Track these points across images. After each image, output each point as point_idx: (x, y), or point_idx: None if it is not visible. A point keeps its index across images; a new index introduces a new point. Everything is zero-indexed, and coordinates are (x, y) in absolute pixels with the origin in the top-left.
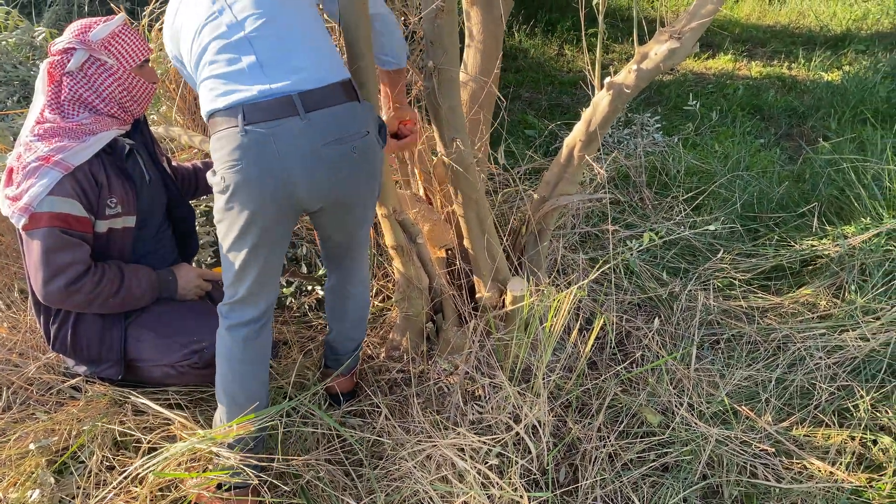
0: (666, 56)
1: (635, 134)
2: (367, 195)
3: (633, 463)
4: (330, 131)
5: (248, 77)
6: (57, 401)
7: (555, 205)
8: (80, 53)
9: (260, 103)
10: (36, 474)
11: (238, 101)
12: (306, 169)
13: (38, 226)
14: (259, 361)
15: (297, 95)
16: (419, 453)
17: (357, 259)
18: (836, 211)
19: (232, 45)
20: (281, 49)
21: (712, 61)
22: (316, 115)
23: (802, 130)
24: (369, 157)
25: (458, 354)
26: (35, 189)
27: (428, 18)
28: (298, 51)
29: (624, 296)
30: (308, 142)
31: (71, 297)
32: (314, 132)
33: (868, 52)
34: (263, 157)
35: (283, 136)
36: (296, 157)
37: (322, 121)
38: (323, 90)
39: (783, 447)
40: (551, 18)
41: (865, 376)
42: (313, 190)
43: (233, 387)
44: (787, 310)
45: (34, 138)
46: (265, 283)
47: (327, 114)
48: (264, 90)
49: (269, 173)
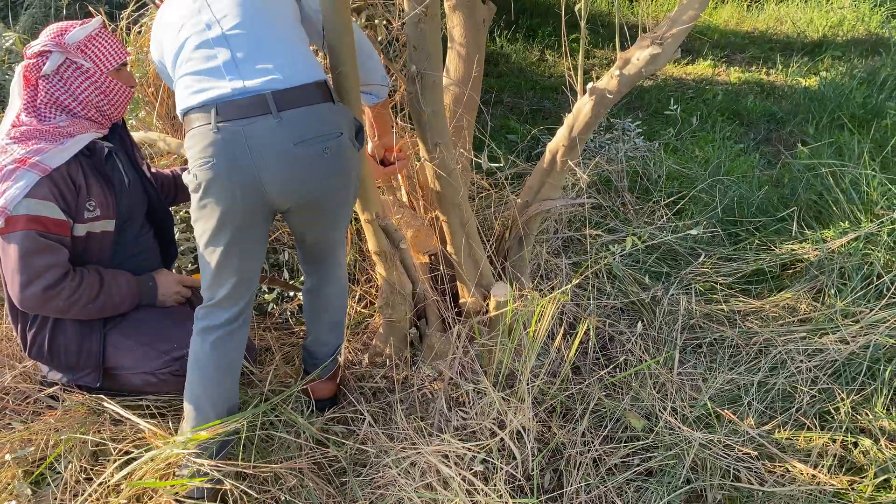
0: (648, 61)
1: (617, 139)
2: (340, 196)
3: (618, 468)
4: (302, 130)
5: (223, 74)
6: (34, 410)
7: (538, 209)
8: (56, 56)
9: (233, 101)
10: (12, 485)
11: (212, 99)
12: (278, 167)
13: (15, 229)
14: (227, 369)
15: (270, 94)
16: (403, 460)
17: (332, 262)
18: (815, 215)
19: (208, 43)
20: (257, 48)
21: (692, 67)
22: (289, 113)
23: (781, 135)
24: (342, 158)
25: (442, 360)
26: (11, 192)
27: (411, 23)
28: (274, 50)
29: (607, 300)
30: (280, 140)
31: (49, 301)
32: (286, 131)
33: (844, 58)
34: (235, 154)
35: (256, 134)
36: (268, 155)
37: (295, 120)
38: (297, 90)
39: (766, 450)
40: (532, 24)
41: (846, 379)
42: (284, 189)
43: (198, 392)
44: (767, 313)
45: (10, 141)
46: (241, 285)
47: (300, 113)
48: (238, 88)
49: (239, 170)
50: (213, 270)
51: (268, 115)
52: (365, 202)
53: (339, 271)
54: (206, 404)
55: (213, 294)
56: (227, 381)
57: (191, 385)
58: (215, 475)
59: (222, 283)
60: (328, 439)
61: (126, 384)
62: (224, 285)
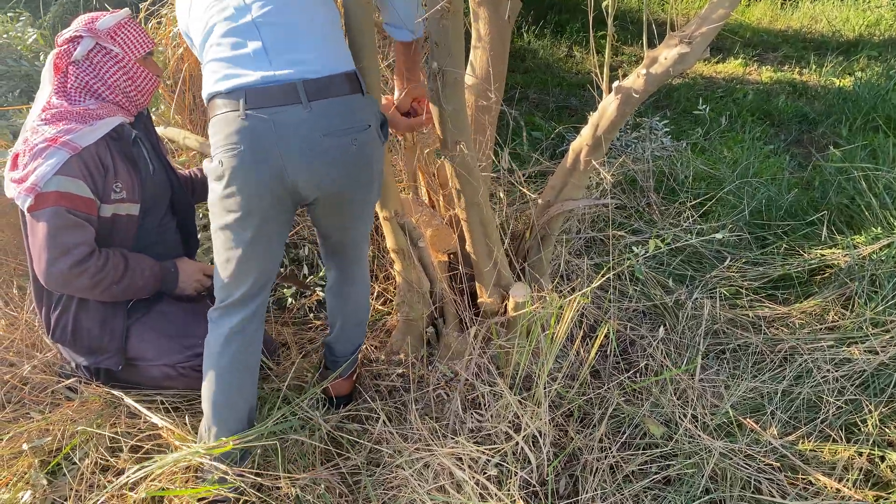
0: (676, 61)
1: (643, 138)
2: (365, 189)
3: (635, 475)
4: (332, 122)
5: (253, 62)
6: (52, 401)
7: (560, 209)
8: (86, 41)
9: (263, 88)
10: (28, 475)
11: (241, 86)
12: (304, 157)
13: (45, 205)
14: (245, 371)
15: (300, 83)
16: (417, 461)
17: (355, 259)
18: (846, 220)
19: (238, 29)
20: (287, 36)
21: (722, 65)
22: (318, 104)
23: (813, 137)
24: (368, 151)
25: (458, 360)
26: (42, 169)
27: (433, 19)
28: (305, 39)
29: (629, 303)
30: (309, 130)
31: (75, 279)
32: (316, 121)
33: (881, 58)
34: (263, 142)
35: (284, 122)
36: (295, 144)
37: (324, 110)
38: (327, 80)
39: (789, 462)
40: (561, 20)
41: (874, 390)
42: (310, 179)
43: (217, 397)
44: (794, 320)
45: (41, 122)
46: (258, 284)
47: (330, 104)
48: (268, 76)
49: (266, 159)
50: (234, 267)
51: (297, 105)
52: (384, 199)
53: (362, 270)
54: (226, 409)
55: (230, 293)
56: (247, 384)
57: (209, 389)
58: (238, 483)
59: (242, 282)
60: (343, 437)
61: (145, 376)
62: (243, 283)
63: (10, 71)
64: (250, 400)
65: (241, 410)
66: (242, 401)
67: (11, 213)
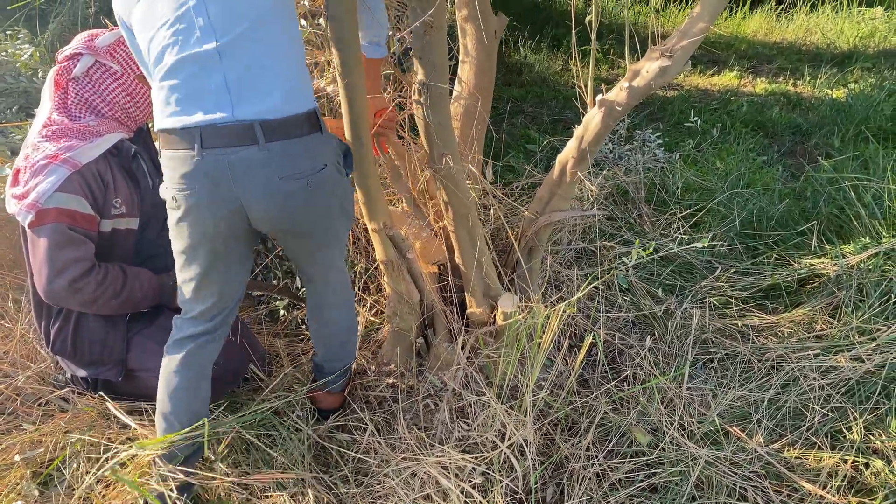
0: (657, 74)
1: (636, 150)
2: (324, 225)
3: (621, 483)
4: (288, 164)
5: (213, 99)
6: (44, 412)
7: (548, 221)
8: (86, 58)
9: (219, 128)
10: (20, 486)
11: (196, 124)
12: (261, 198)
13: (45, 222)
14: (197, 377)
15: (259, 124)
16: (404, 471)
17: (328, 282)
18: (836, 229)
19: (199, 58)
20: (249, 72)
21: (717, 78)
22: (276, 145)
23: (805, 148)
24: (327, 188)
25: (447, 370)
26: (43, 186)
27: (417, 34)
28: (267, 76)
29: (618, 313)
30: (265, 172)
31: (74, 294)
32: (272, 163)
33: (874, 69)
34: (218, 183)
35: (240, 164)
36: (251, 185)
37: (281, 152)
38: (286, 121)
39: (774, 469)
40: (557, 33)
41: (859, 398)
42: (267, 218)
43: (166, 402)
44: (782, 329)
45: (41, 139)
46: (221, 303)
47: (287, 145)
48: (226, 115)
49: (221, 199)
50: (193, 288)
51: (254, 146)
52: (372, 211)
53: (338, 291)
54: (172, 413)
55: (191, 308)
56: (198, 390)
57: (161, 394)
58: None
59: (201, 301)
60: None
61: (144, 387)
62: (202, 303)
63: (8, 88)
64: (198, 407)
65: (186, 414)
66: (191, 405)
67: (6, 227)
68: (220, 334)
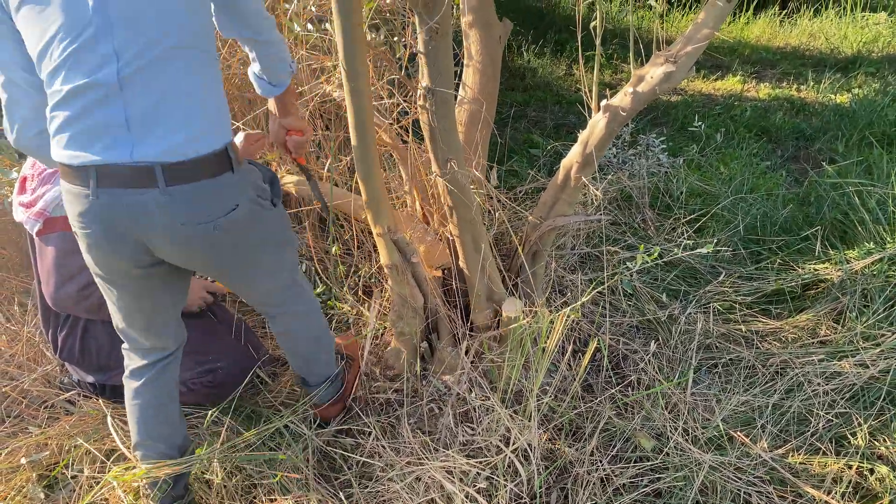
0: (662, 79)
1: (640, 155)
2: (243, 262)
3: (626, 488)
4: (190, 210)
5: (109, 135)
6: (50, 415)
7: (551, 225)
8: None
9: (117, 168)
10: (26, 489)
11: (91, 162)
12: (164, 243)
13: (53, 230)
14: (165, 404)
15: (160, 167)
16: (408, 475)
17: (272, 307)
18: (840, 235)
19: (99, 87)
20: (153, 108)
21: (721, 82)
22: (178, 189)
23: (809, 153)
24: (239, 229)
25: (451, 375)
26: (51, 194)
27: (423, 40)
28: (173, 113)
29: (622, 318)
30: (165, 218)
31: (82, 301)
32: (173, 209)
33: (878, 74)
34: (116, 225)
35: (138, 207)
36: (152, 230)
37: (183, 197)
38: (191, 163)
39: (778, 475)
40: (560, 38)
41: (864, 404)
42: (172, 259)
43: (132, 425)
44: (786, 334)
45: None
46: (152, 327)
47: (191, 190)
48: (125, 156)
49: (123, 240)
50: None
51: (154, 190)
52: (376, 215)
53: (289, 314)
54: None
55: (129, 338)
56: (167, 415)
57: (130, 423)
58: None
59: (134, 329)
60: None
61: None
62: (135, 330)
63: None
64: (168, 431)
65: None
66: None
67: (13, 231)
68: (175, 355)
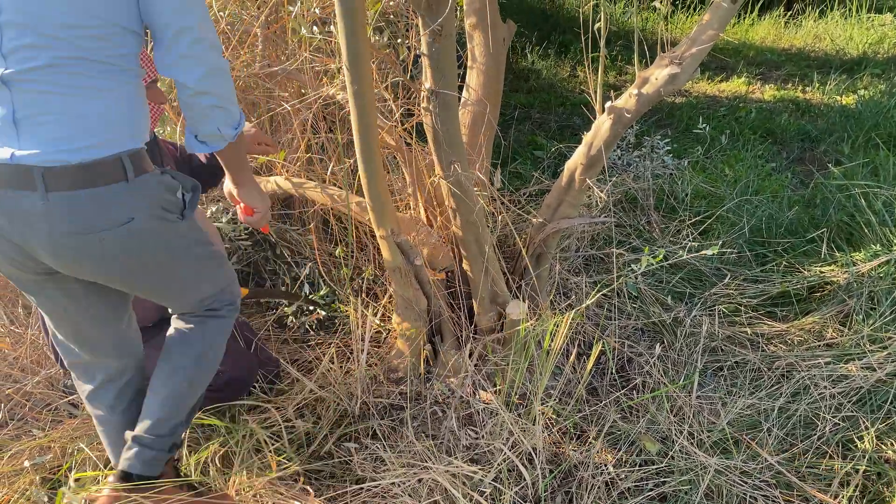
0: (666, 81)
1: (645, 156)
2: (141, 279)
3: (631, 492)
4: (70, 221)
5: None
6: (53, 418)
7: (556, 228)
8: None
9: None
10: (30, 492)
11: None
12: (44, 252)
13: None
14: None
15: (40, 170)
16: (411, 478)
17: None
18: (846, 237)
19: None
20: (45, 106)
21: (726, 84)
22: (59, 196)
23: (815, 155)
24: (134, 243)
25: (455, 378)
26: None
27: (426, 42)
28: (67, 109)
29: (627, 320)
30: (45, 225)
31: None
32: (53, 217)
33: (884, 75)
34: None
35: (16, 209)
36: (31, 236)
37: (64, 205)
38: (76, 169)
39: (784, 478)
40: (564, 40)
41: (871, 407)
42: (63, 269)
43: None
44: (792, 337)
45: None
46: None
47: (72, 198)
48: (4, 155)
49: (7, 244)
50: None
51: (33, 194)
52: (380, 218)
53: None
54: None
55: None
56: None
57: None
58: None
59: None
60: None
61: None
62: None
63: None
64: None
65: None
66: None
67: None
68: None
